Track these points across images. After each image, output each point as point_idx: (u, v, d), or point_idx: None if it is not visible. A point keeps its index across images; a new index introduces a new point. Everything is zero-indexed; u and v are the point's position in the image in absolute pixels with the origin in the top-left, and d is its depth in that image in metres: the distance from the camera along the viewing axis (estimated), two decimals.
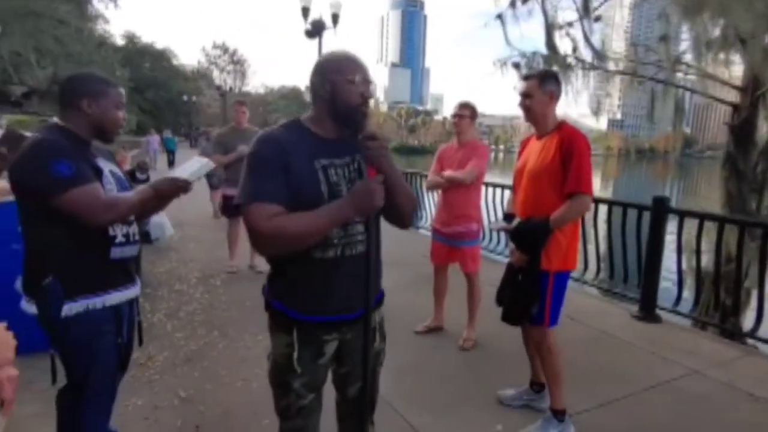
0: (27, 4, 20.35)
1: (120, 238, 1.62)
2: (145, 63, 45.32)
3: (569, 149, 2.10)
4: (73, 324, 1.50)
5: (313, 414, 1.47)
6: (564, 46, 6.54)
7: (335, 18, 12.75)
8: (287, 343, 1.37)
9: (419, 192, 6.92)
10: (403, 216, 1.45)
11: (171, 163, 19.15)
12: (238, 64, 63.35)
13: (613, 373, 2.95)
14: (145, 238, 5.54)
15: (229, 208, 4.87)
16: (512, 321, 2.35)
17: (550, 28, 6.12)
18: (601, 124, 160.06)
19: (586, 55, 6.45)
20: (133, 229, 1.71)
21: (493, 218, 5.38)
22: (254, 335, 3.27)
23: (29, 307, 1.54)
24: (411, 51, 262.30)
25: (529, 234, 2.17)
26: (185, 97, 43.53)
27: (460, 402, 2.58)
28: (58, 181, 1.43)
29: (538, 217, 2.16)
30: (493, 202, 5.58)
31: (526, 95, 2.21)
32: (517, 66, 6.93)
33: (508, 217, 2.39)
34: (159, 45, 49.53)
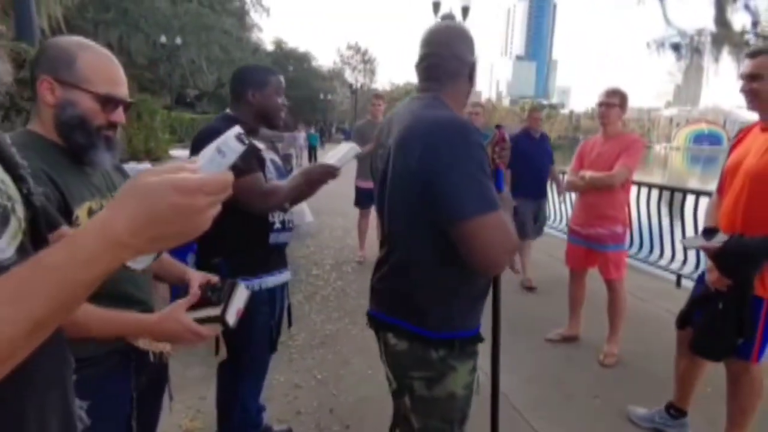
0: (201, 19, 23.89)
1: (277, 225, 1.77)
2: (289, 65, 49.77)
3: None
4: None
5: None
6: (738, 21, 5.44)
7: (465, 11, 12.52)
8: (471, 368, 1.25)
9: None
10: None
11: (313, 159, 19.14)
12: (368, 63, 66.10)
13: None
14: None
15: (361, 200, 5.11)
16: (711, 355, 1.94)
17: (721, 1, 5.12)
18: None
19: None
20: (289, 216, 1.85)
21: (644, 220, 4.78)
22: None
23: None
24: (537, 43, 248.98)
25: (744, 257, 1.75)
26: (321, 96, 46.93)
27: (604, 425, 2.34)
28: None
29: (753, 233, 1.75)
30: (647, 204, 4.95)
31: (753, 76, 1.78)
32: (676, 47, 5.98)
33: (708, 232, 1.91)
34: (301, 49, 53.99)
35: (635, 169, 2.85)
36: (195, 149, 1.64)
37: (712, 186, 2.32)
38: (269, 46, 45.40)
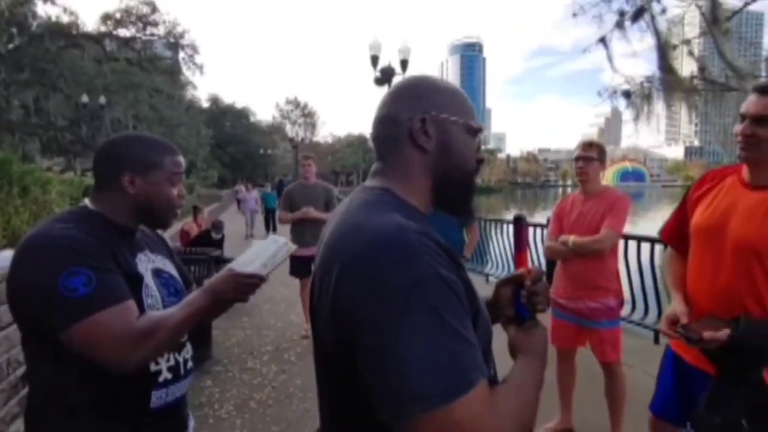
0: (129, 78, 22.93)
1: (165, 374, 1.11)
2: (226, 121, 49.18)
3: None
4: None
5: None
6: (682, 67, 5.66)
7: (404, 64, 12.67)
8: None
9: (484, 235, 6.91)
10: None
11: (271, 229, 13.84)
12: (308, 116, 66.92)
13: None
14: None
15: (299, 270, 4.47)
16: None
17: (664, 48, 5.28)
18: (676, 152, 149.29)
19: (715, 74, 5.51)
20: (185, 354, 1.19)
21: (636, 281, 4.40)
22: None
23: None
24: (471, 94, 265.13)
25: (757, 346, 1.32)
26: (261, 151, 46.46)
27: None
28: (69, 304, 0.94)
29: (752, 313, 1.36)
30: (638, 261, 4.41)
31: (761, 119, 1.35)
32: (627, 94, 6.09)
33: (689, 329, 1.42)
34: (239, 104, 53.74)
35: (622, 232, 2.46)
36: (20, 266, 1.01)
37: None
38: (204, 103, 44.64)
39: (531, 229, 5.57)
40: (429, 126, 0.77)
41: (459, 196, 0.82)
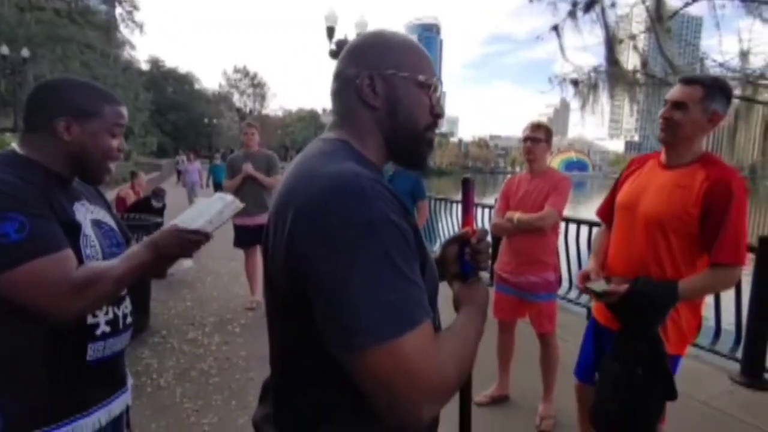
0: (57, 30, 20.91)
1: (103, 327, 1.07)
2: (168, 87, 46.33)
3: (723, 199, 1.49)
4: None
5: None
6: (627, 61, 6.00)
7: None
8: None
9: (435, 215, 6.92)
10: None
11: None
12: (258, 87, 64.49)
13: None
14: None
15: (242, 240, 4.38)
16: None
17: (611, 41, 5.57)
18: (617, 146, 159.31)
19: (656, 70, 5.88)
20: (124, 308, 1.16)
21: (574, 262, 4.64)
22: None
23: None
24: None
25: (651, 301, 1.54)
26: (206, 120, 44.28)
27: None
28: (0, 251, 0.89)
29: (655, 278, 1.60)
30: (577, 243, 4.61)
31: (678, 104, 1.57)
32: (576, 83, 6.40)
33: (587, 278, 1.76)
34: (182, 69, 50.68)
35: (563, 210, 2.59)
36: None
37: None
38: (144, 66, 41.68)
39: (479, 210, 5.74)
40: (377, 83, 0.77)
41: (410, 151, 0.83)
